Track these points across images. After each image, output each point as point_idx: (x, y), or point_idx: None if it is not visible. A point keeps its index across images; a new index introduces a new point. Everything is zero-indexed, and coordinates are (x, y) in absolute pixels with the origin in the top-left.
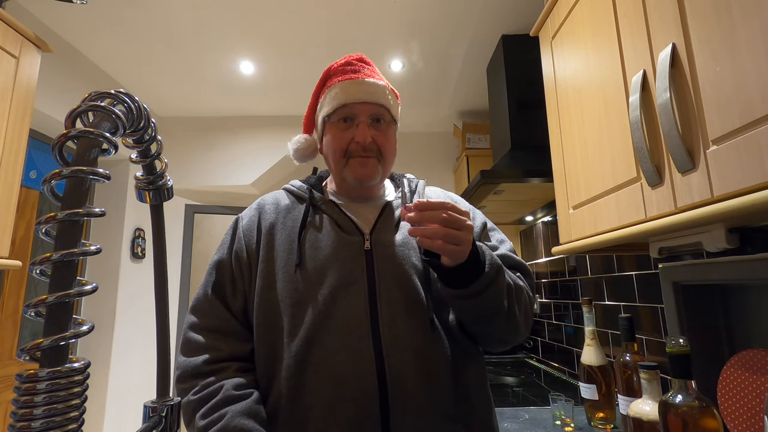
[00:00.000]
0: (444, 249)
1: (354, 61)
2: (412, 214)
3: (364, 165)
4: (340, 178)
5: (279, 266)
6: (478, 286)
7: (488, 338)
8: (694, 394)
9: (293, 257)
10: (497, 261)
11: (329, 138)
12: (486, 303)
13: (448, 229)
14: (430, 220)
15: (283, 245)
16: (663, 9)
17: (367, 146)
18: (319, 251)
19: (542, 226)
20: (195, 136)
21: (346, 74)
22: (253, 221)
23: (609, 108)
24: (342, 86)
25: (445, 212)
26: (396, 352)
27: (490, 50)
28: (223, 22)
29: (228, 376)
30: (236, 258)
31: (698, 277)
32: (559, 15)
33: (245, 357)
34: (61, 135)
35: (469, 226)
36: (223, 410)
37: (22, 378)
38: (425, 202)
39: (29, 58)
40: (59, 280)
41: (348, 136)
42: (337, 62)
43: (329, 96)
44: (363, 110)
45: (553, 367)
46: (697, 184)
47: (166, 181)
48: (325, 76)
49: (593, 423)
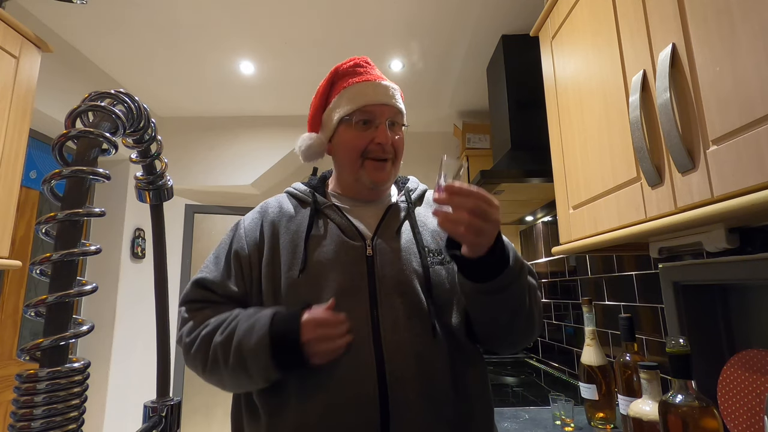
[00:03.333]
0: (465, 237)
1: (362, 62)
2: (443, 195)
3: (381, 168)
4: (353, 179)
5: (283, 270)
6: (503, 280)
7: (501, 339)
8: (694, 394)
9: (297, 262)
10: (521, 258)
11: (346, 138)
12: (510, 299)
13: (473, 218)
14: (458, 206)
15: (286, 249)
16: (663, 9)
17: (386, 147)
18: (321, 256)
19: (542, 226)
20: (195, 136)
21: (360, 75)
22: (256, 223)
23: (609, 108)
24: (360, 88)
25: (474, 201)
26: (397, 358)
27: (490, 50)
28: (223, 22)
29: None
30: (235, 256)
31: (698, 277)
32: (559, 15)
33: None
34: (61, 135)
35: (496, 221)
36: (237, 318)
37: (22, 378)
38: (457, 187)
39: (29, 58)
40: (59, 280)
41: (368, 137)
42: (344, 63)
43: (346, 97)
44: (383, 112)
45: (553, 367)
46: (697, 184)
47: (166, 181)
48: (333, 76)
49: (593, 423)
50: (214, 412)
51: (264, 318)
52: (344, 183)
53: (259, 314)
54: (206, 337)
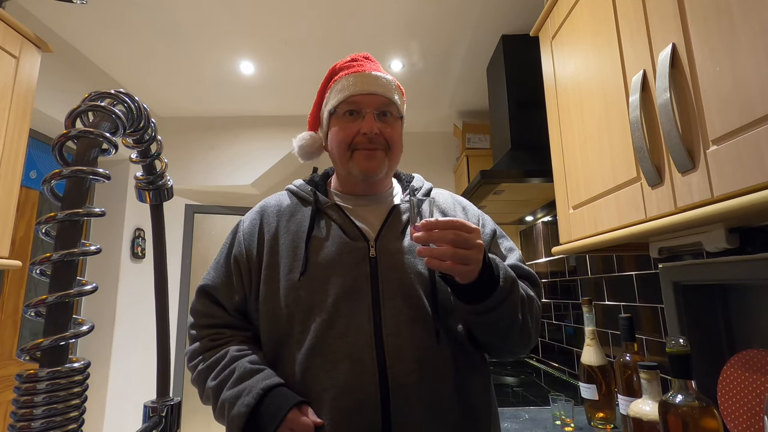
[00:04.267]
0: (453, 270)
1: (360, 57)
2: (420, 233)
3: (370, 157)
4: (345, 172)
5: (283, 273)
6: (493, 301)
7: (500, 349)
8: (694, 394)
9: (298, 264)
10: (511, 274)
11: (334, 130)
12: (501, 317)
13: (456, 249)
14: (438, 240)
15: (287, 251)
16: (663, 9)
17: (373, 138)
18: (323, 258)
19: (542, 226)
20: (195, 136)
21: (352, 68)
22: (254, 225)
23: (609, 108)
24: (347, 79)
25: (453, 232)
26: (399, 362)
27: (490, 50)
28: (223, 22)
29: (232, 344)
30: (234, 261)
31: (698, 277)
32: (559, 15)
33: (248, 338)
34: (61, 135)
35: (479, 245)
36: (231, 366)
37: (22, 378)
38: (433, 222)
39: (29, 58)
40: (59, 280)
41: (354, 128)
42: (342, 60)
43: (335, 90)
44: (369, 102)
45: (553, 367)
46: (697, 184)
47: (166, 181)
48: (330, 73)
49: (593, 423)
50: None
51: (251, 397)
52: (340, 178)
53: (249, 382)
54: (202, 374)
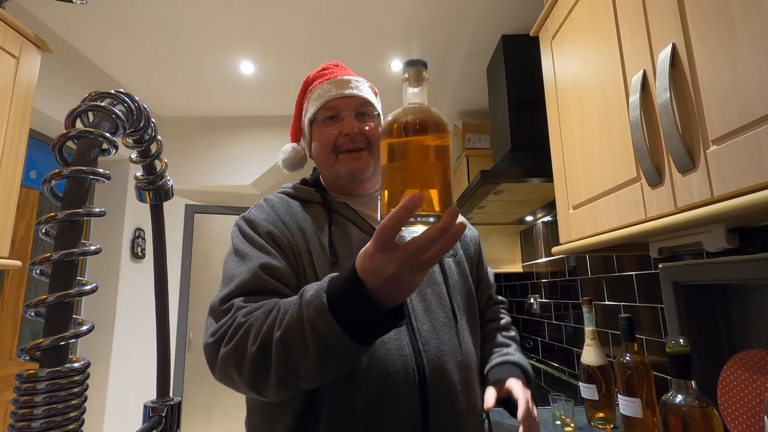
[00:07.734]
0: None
1: (330, 66)
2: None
3: (356, 158)
4: (333, 175)
5: (318, 262)
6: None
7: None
8: (694, 394)
9: (326, 253)
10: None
11: (317, 137)
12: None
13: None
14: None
15: (313, 241)
16: (663, 9)
17: (355, 137)
18: (348, 249)
19: (542, 226)
20: (195, 136)
21: (325, 76)
22: (269, 213)
23: (609, 108)
24: (323, 86)
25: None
26: (431, 346)
27: (490, 50)
28: (223, 22)
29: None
30: (268, 236)
31: (698, 277)
32: (558, 15)
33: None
34: (61, 135)
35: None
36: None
37: (22, 378)
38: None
39: (29, 58)
40: (59, 280)
41: (335, 132)
42: (314, 71)
43: (312, 98)
44: (347, 104)
45: (553, 367)
46: (697, 184)
47: (166, 181)
48: (305, 84)
49: (593, 423)
50: (214, 412)
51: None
52: (328, 181)
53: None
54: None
